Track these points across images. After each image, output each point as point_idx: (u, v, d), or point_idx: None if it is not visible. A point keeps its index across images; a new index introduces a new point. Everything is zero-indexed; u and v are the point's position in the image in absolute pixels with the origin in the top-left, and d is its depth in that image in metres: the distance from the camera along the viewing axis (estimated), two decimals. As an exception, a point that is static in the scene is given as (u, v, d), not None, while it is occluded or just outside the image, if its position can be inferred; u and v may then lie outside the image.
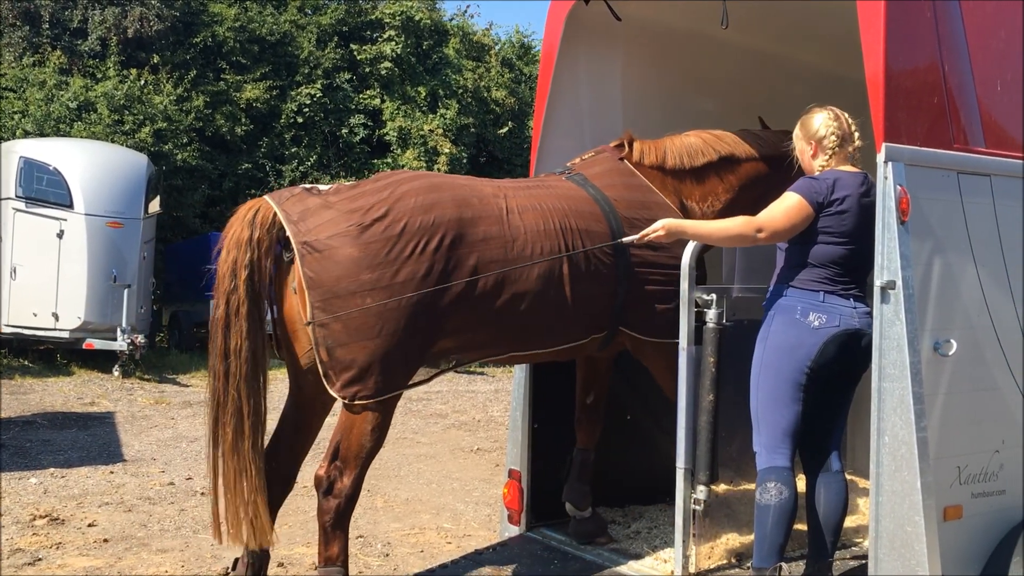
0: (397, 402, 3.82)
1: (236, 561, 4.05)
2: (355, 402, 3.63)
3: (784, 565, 3.63)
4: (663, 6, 4.79)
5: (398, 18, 22.32)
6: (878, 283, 3.32)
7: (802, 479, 3.84)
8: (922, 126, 3.44)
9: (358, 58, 22.05)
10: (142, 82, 18.71)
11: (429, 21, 23.03)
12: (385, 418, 3.74)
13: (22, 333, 13.95)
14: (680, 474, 3.85)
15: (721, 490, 4.36)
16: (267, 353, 3.86)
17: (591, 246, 3.97)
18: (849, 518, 4.19)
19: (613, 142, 4.50)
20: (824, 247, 3.61)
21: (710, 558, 4.03)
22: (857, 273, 3.63)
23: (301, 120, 21.08)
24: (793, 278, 3.67)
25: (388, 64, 22.03)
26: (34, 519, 6.46)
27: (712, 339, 3.80)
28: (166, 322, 18.84)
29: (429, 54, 23.03)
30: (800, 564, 3.90)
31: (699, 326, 3.84)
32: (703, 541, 3.95)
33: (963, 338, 3.41)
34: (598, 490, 4.68)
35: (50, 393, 12.18)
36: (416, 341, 3.68)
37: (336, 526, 3.72)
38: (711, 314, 3.81)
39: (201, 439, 9.67)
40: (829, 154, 3.71)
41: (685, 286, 3.83)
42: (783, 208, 3.61)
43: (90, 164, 14.41)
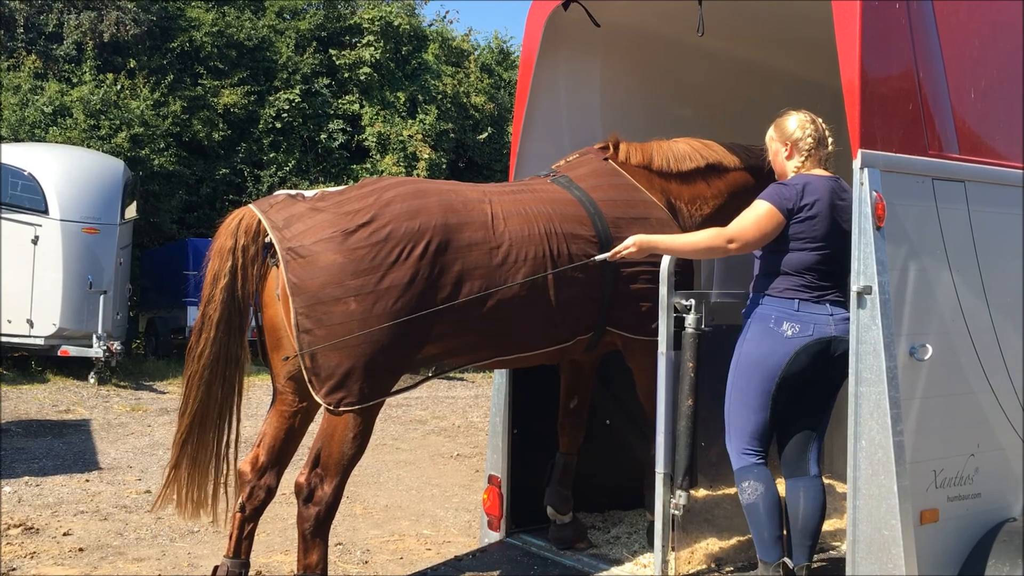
0: (379, 409, 3.82)
1: (216, 569, 4.03)
2: (339, 409, 3.62)
3: (788, 561, 3.65)
4: (642, 12, 4.81)
5: (377, 23, 22.29)
6: (854, 288, 3.35)
7: (781, 483, 3.87)
8: (897, 132, 3.47)
9: (337, 63, 21.99)
10: (118, 87, 18.56)
11: (408, 26, 23.01)
12: (367, 425, 3.73)
13: (-4, 340, 13.80)
14: (659, 479, 3.85)
15: (701, 495, 4.36)
16: (241, 362, 3.88)
17: (575, 251, 3.97)
18: (827, 522, 4.22)
19: (598, 144, 4.51)
20: (797, 254, 3.63)
21: (690, 563, 4.04)
22: (833, 278, 3.65)
23: (279, 125, 20.99)
24: (768, 286, 3.69)
25: (367, 69, 21.99)
26: (8, 528, 6.38)
27: (691, 344, 3.80)
28: (142, 328, 18.67)
29: (408, 59, 23.02)
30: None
31: (678, 331, 3.85)
32: (683, 546, 3.96)
33: (939, 343, 3.44)
34: (577, 495, 4.68)
35: (24, 401, 12.05)
36: (401, 348, 3.67)
37: (315, 534, 3.71)
38: (690, 319, 3.82)
39: (178, 446, 9.61)
40: (804, 156, 3.73)
41: (664, 291, 3.84)
42: (753, 217, 3.63)
43: (66, 169, 14.28)
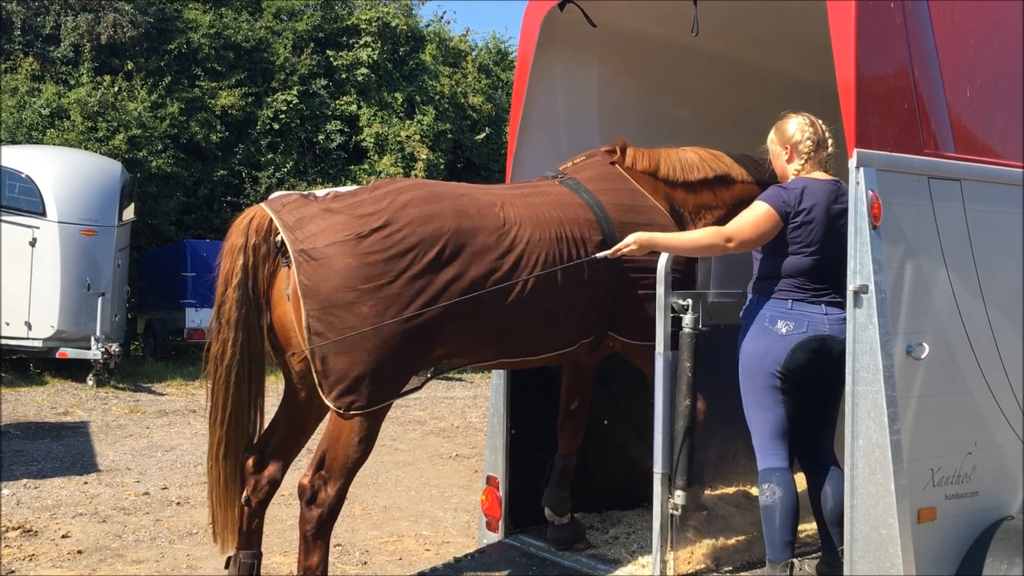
0: (386, 413, 3.83)
1: (229, 560, 4.04)
2: (349, 412, 3.63)
3: (796, 562, 3.67)
4: (637, 13, 4.81)
5: (374, 24, 22.29)
6: (851, 287, 3.35)
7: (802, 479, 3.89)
8: (893, 131, 3.48)
9: (334, 64, 21.99)
10: (116, 89, 18.56)
11: (405, 27, 23.01)
12: (373, 429, 3.75)
13: (-6, 343, 13.79)
14: (657, 479, 3.86)
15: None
16: (263, 362, 3.88)
17: (584, 255, 3.98)
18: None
19: (604, 147, 4.52)
20: (793, 258, 3.67)
21: (689, 563, 4.04)
22: (830, 280, 3.67)
23: (277, 127, 20.98)
24: (765, 288, 3.75)
25: (364, 70, 22.00)
26: (7, 531, 6.38)
27: (688, 344, 3.81)
28: (141, 330, 18.67)
29: (406, 60, 23.02)
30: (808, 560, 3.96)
31: (675, 331, 3.86)
32: (681, 546, 3.97)
33: (935, 341, 3.45)
34: (576, 495, 4.68)
35: (23, 403, 12.04)
36: (411, 351, 3.69)
37: (317, 536, 3.72)
38: (687, 319, 3.83)
39: (176, 448, 9.61)
40: (804, 159, 3.76)
41: (661, 291, 3.85)
42: (752, 217, 3.67)
43: (63, 171, 14.27)
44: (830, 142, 3.79)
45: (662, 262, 3.87)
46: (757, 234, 3.65)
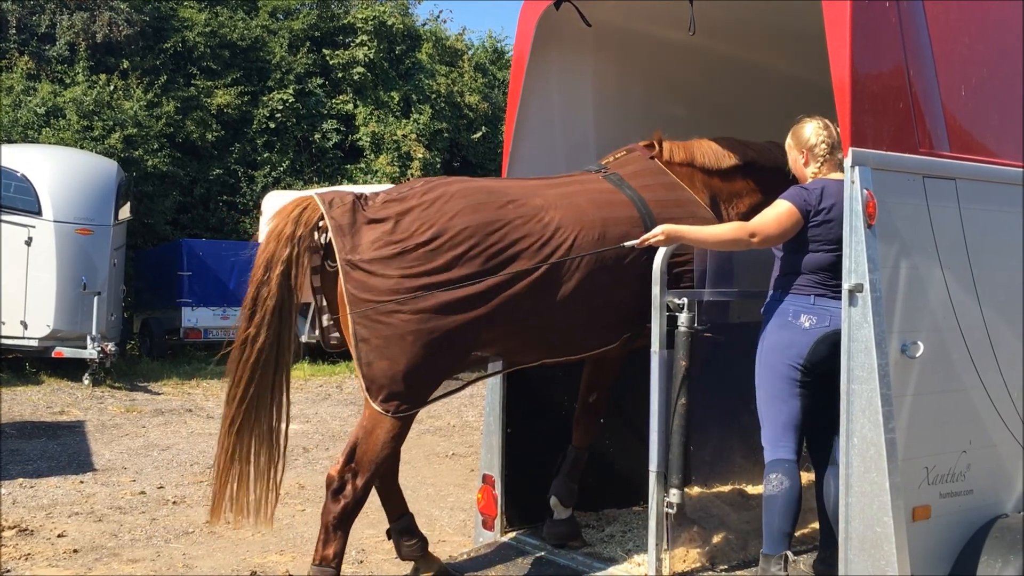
0: (417, 413, 3.92)
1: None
2: (396, 415, 3.75)
3: (790, 554, 3.69)
4: (633, 12, 4.81)
5: (371, 23, 22.29)
6: (846, 286, 3.36)
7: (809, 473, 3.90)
8: (888, 130, 3.48)
9: (330, 63, 21.99)
10: (111, 88, 18.54)
11: (402, 26, 23.01)
12: (405, 428, 3.86)
13: (-10, 342, 13.77)
14: (653, 477, 3.86)
15: (695, 493, 4.38)
16: (290, 349, 3.92)
17: (629, 257, 4.01)
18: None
19: (642, 141, 4.55)
20: (814, 255, 3.73)
21: (684, 561, 4.05)
22: None
23: (273, 125, 20.97)
24: (786, 284, 3.81)
25: (361, 69, 21.99)
26: (2, 530, 6.37)
27: (684, 343, 3.83)
28: (137, 329, 18.66)
29: (402, 59, 23.02)
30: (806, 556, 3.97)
31: (671, 330, 3.87)
32: (677, 544, 3.97)
33: (930, 340, 3.45)
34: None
35: (19, 402, 12.02)
36: (452, 356, 3.83)
37: (339, 527, 3.81)
38: (683, 318, 3.84)
39: (172, 447, 9.60)
40: (820, 162, 3.83)
41: (656, 290, 3.86)
42: (775, 214, 3.74)
43: (59, 170, 14.25)
44: None
45: (658, 260, 3.88)
46: (780, 231, 3.72)
